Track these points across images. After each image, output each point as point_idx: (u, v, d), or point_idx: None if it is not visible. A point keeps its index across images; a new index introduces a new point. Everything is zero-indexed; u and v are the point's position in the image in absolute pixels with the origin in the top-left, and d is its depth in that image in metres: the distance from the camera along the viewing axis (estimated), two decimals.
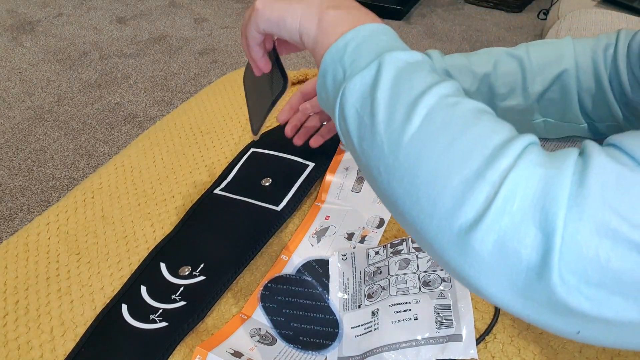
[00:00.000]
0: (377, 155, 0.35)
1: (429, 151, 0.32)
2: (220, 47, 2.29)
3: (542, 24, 2.03)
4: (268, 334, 0.52)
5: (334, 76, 0.40)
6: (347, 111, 0.38)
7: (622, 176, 0.28)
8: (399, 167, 0.34)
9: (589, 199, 0.28)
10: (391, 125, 0.35)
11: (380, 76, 0.37)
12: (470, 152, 0.31)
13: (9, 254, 0.61)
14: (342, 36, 0.40)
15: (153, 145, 0.76)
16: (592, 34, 1.26)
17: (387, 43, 0.39)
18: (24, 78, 2.07)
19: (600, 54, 0.59)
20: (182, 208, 0.65)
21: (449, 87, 0.36)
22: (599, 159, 0.29)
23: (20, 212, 1.50)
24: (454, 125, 0.33)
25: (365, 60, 0.38)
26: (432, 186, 0.32)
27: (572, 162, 0.29)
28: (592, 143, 0.31)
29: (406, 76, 0.36)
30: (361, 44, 0.39)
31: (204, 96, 0.87)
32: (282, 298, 0.54)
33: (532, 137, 0.32)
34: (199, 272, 0.57)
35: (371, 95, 0.36)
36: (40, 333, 0.52)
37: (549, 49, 0.61)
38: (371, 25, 0.41)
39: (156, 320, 0.53)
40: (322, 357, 0.50)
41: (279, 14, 0.44)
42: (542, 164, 0.30)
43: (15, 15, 2.52)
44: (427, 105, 0.34)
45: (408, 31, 2.43)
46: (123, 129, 1.82)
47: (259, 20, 0.45)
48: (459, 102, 0.34)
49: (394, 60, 0.37)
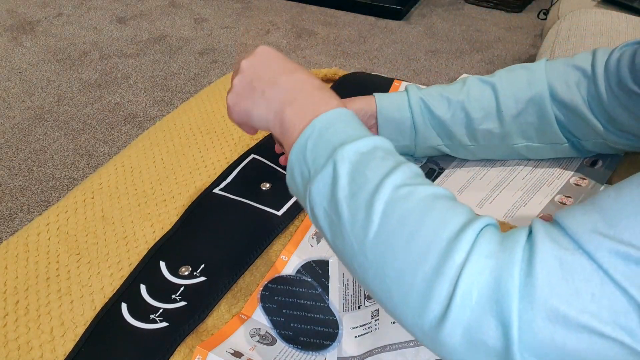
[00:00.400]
0: (350, 253, 0.37)
1: (392, 250, 0.34)
2: (220, 47, 2.30)
3: (542, 24, 2.03)
4: (268, 334, 0.52)
5: (301, 173, 0.42)
6: (316, 211, 0.40)
7: (564, 262, 0.30)
8: (370, 266, 0.36)
9: (538, 288, 0.30)
10: (356, 225, 0.37)
11: (337, 175, 0.38)
12: (427, 249, 0.33)
13: (9, 254, 0.61)
14: (301, 133, 0.42)
15: (153, 145, 0.76)
16: (592, 34, 1.26)
17: (341, 133, 0.41)
18: (24, 78, 2.07)
19: (573, 75, 0.59)
20: (182, 208, 0.65)
21: (402, 175, 0.37)
22: (543, 246, 0.31)
23: (20, 212, 1.50)
24: (409, 221, 0.35)
25: (323, 157, 0.40)
26: (401, 284, 0.34)
27: (520, 250, 0.32)
28: (539, 224, 0.33)
29: (360, 170, 0.38)
30: (318, 139, 0.41)
31: (204, 96, 0.87)
32: (281, 298, 0.54)
33: (485, 220, 0.35)
34: (200, 273, 0.57)
35: (334, 196, 0.38)
36: (40, 333, 0.53)
37: (521, 73, 0.62)
38: (325, 115, 0.42)
39: (156, 320, 0.53)
40: (322, 357, 0.50)
41: (245, 112, 0.47)
42: (492, 255, 0.32)
43: (15, 15, 2.52)
44: (383, 200, 0.36)
45: (408, 31, 2.43)
46: (123, 129, 1.82)
47: (231, 116, 0.49)
48: (411, 192, 0.36)
49: (347, 155, 0.39)
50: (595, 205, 0.32)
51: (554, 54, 1.25)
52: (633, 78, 0.54)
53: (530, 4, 2.66)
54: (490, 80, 0.62)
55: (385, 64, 2.19)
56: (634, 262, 0.29)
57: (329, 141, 0.40)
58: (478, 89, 0.62)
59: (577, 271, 0.30)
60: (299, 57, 2.23)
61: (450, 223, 0.34)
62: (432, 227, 0.34)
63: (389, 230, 0.35)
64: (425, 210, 0.35)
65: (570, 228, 0.31)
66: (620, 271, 0.29)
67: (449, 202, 0.36)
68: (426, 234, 0.34)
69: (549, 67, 0.61)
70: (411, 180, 0.37)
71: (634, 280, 0.28)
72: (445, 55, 2.26)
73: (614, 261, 0.29)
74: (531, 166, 0.67)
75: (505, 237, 0.33)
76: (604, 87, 0.57)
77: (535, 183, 0.64)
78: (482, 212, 0.62)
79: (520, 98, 0.61)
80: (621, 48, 0.57)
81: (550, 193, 0.63)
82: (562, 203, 0.61)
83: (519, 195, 0.63)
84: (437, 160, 0.70)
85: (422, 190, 0.36)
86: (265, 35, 2.40)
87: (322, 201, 0.39)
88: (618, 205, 0.31)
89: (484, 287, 0.31)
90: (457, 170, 0.68)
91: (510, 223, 0.60)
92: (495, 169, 0.67)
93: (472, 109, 0.62)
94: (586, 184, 0.63)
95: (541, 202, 0.62)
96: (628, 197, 0.31)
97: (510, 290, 0.30)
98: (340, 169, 0.38)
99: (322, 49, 2.29)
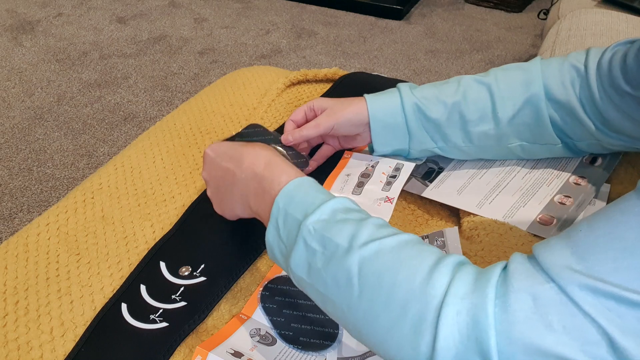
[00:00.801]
0: (341, 315, 0.41)
1: (377, 305, 0.38)
2: (220, 47, 2.30)
3: (542, 24, 2.03)
4: (268, 335, 0.52)
5: (280, 251, 0.46)
6: (302, 283, 0.44)
7: (537, 297, 0.32)
8: (362, 324, 0.39)
9: (513, 323, 0.32)
10: (340, 290, 0.40)
11: (309, 248, 0.42)
12: (406, 301, 0.36)
13: (8, 255, 0.61)
14: (270, 215, 0.46)
15: (153, 145, 0.76)
16: (592, 34, 1.26)
17: (302, 204, 0.44)
18: (24, 78, 2.07)
19: (567, 75, 0.59)
20: (182, 209, 0.65)
21: (366, 231, 0.41)
22: (517, 282, 0.33)
23: (20, 212, 1.50)
24: (384, 277, 0.38)
25: (293, 234, 0.44)
26: (392, 335, 0.37)
27: (492, 287, 0.34)
28: (517, 258, 0.36)
29: (327, 237, 0.41)
30: (285, 217, 0.45)
31: (204, 96, 0.87)
32: (282, 299, 0.54)
33: (453, 259, 0.37)
34: (200, 273, 0.57)
35: (312, 267, 0.42)
36: (40, 333, 0.52)
37: (517, 74, 0.61)
38: (283, 191, 0.46)
39: (156, 321, 0.53)
40: (322, 357, 0.50)
41: (230, 212, 0.55)
42: (467, 295, 0.34)
43: (15, 15, 2.52)
44: (356, 262, 0.39)
45: (408, 31, 2.43)
46: (123, 129, 1.82)
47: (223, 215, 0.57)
48: (379, 247, 0.39)
49: (312, 226, 0.42)
50: (569, 240, 0.34)
51: (554, 54, 1.25)
52: (625, 78, 0.54)
53: (530, 4, 2.66)
54: (485, 80, 0.62)
55: (385, 64, 2.19)
56: (602, 295, 0.30)
57: (294, 217, 0.44)
58: (474, 90, 0.62)
59: (549, 304, 0.32)
60: (299, 57, 2.23)
61: (420, 271, 0.37)
62: (404, 279, 0.37)
63: (370, 287, 0.38)
64: (395, 264, 0.38)
65: (545, 263, 0.33)
66: (590, 303, 0.31)
67: (414, 248, 0.39)
68: (401, 286, 0.37)
69: (544, 67, 0.61)
70: (376, 234, 0.40)
71: (603, 312, 0.30)
72: (445, 55, 2.26)
73: (584, 294, 0.31)
74: (530, 166, 0.67)
75: (479, 275, 0.36)
76: (596, 88, 0.57)
77: (535, 183, 0.64)
78: (482, 213, 0.62)
79: (516, 99, 0.60)
80: (613, 48, 0.57)
81: (550, 193, 0.63)
82: (562, 203, 0.61)
83: (518, 196, 0.63)
84: (437, 159, 0.70)
85: (388, 243, 0.39)
86: (265, 35, 2.40)
87: (302, 273, 0.43)
88: (589, 240, 0.33)
89: (463, 327, 0.33)
90: (456, 171, 0.68)
91: (510, 224, 0.60)
92: (494, 169, 0.67)
93: (468, 111, 0.62)
94: (585, 183, 0.63)
95: (540, 203, 0.62)
96: (600, 231, 0.33)
97: (487, 327, 0.33)
98: (310, 242, 0.42)
99: (322, 49, 2.29)
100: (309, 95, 0.86)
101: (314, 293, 0.43)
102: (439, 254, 0.39)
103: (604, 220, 0.33)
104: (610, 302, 0.30)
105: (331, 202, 0.44)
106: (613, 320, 0.30)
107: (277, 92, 0.84)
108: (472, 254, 0.56)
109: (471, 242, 0.59)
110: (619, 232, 0.31)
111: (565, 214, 0.60)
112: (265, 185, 0.48)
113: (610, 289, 0.30)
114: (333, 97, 0.67)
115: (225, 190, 0.53)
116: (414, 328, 0.35)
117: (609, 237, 0.32)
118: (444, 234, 0.56)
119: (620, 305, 0.30)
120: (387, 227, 0.42)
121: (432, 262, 0.37)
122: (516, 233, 0.58)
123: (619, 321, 0.30)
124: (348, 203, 0.45)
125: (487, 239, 0.58)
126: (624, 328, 0.30)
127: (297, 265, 0.43)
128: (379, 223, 0.42)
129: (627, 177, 0.64)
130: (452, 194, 0.65)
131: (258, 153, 0.50)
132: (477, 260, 0.56)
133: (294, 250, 0.43)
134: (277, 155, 0.51)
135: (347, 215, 0.43)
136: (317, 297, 0.43)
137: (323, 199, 0.44)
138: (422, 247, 0.40)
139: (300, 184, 0.46)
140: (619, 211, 0.33)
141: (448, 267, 0.37)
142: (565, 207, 0.61)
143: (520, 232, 0.58)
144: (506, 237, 0.58)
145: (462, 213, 0.64)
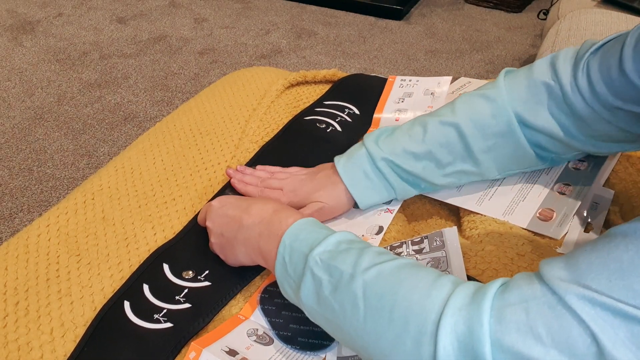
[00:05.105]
0: (350, 339, 0.43)
1: (380, 327, 0.40)
2: (220, 47, 2.30)
3: (542, 24, 2.03)
4: (265, 335, 0.52)
5: (289, 286, 0.48)
6: (313, 313, 0.47)
7: (530, 310, 0.34)
8: (369, 345, 0.41)
9: (506, 333, 0.34)
10: (347, 314, 0.42)
11: (316, 278, 0.45)
12: (407, 317, 0.38)
13: (9, 256, 0.61)
14: (277, 252, 0.49)
15: (153, 146, 0.76)
16: (592, 34, 1.26)
17: (307, 240, 0.48)
18: (24, 78, 2.07)
19: (538, 95, 0.55)
20: (184, 211, 0.65)
21: (367, 258, 0.44)
22: (514, 297, 0.35)
23: (20, 212, 1.50)
24: (386, 297, 0.40)
25: (300, 267, 0.47)
26: (396, 353, 0.39)
27: (489, 300, 0.36)
28: (520, 274, 0.38)
29: (333, 265, 0.44)
30: (291, 252, 0.48)
31: (204, 97, 0.87)
32: (281, 301, 0.54)
33: (449, 278, 0.40)
34: (204, 278, 0.57)
35: (321, 296, 0.45)
36: (41, 334, 0.53)
37: (482, 105, 0.58)
38: (289, 230, 0.49)
39: (160, 320, 0.52)
40: (322, 357, 0.50)
41: (234, 260, 0.56)
42: (464, 306, 0.36)
43: (15, 15, 2.52)
44: (360, 286, 0.42)
45: (408, 31, 2.43)
46: (123, 129, 1.82)
47: (226, 262, 0.58)
48: (380, 271, 0.42)
49: (319, 257, 0.45)
50: (572, 258, 0.36)
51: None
52: (612, 92, 0.50)
53: (530, 4, 2.66)
54: (451, 120, 0.58)
55: (385, 64, 2.19)
56: (599, 306, 0.32)
57: (300, 251, 0.47)
58: (441, 134, 0.58)
59: (541, 317, 0.33)
60: (299, 57, 2.23)
61: (418, 287, 0.39)
62: (404, 297, 0.39)
63: (373, 308, 0.41)
64: (395, 284, 0.41)
65: (546, 275, 0.35)
66: (587, 312, 0.32)
67: (413, 269, 0.42)
68: (401, 303, 0.39)
69: (509, 90, 0.57)
70: (377, 260, 0.43)
71: (597, 321, 0.32)
72: (445, 55, 2.26)
73: (582, 304, 0.32)
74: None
75: (477, 289, 0.38)
76: (580, 105, 0.53)
77: (534, 172, 0.64)
78: (482, 210, 0.62)
79: (487, 134, 0.57)
80: (584, 59, 0.53)
81: (550, 181, 0.63)
82: (562, 193, 0.61)
83: (517, 189, 0.63)
84: None
85: (388, 267, 0.42)
86: (265, 35, 2.40)
87: (312, 304, 0.46)
88: (590, 259, 0.34)
89: (460, 337, 0.35)
90: None
91: (510, 223, 0.60)
92: None
93: (441, 156, 0.59)
94: (585, 167, 0.63)
95: (540, 194, 0.62)
96: (600, 252, 0.34)
97: (481, 337, 0.34)
98: (317, 272, 0.45)
99: (322, 49, 2.29)
100: (308, 97, 0.86)
101: (324, 322, 0.46)
102: (437, 272, 0.41)
103: (606, 242, 0.34)
104: (606, 313, 0.31)
105: (335, 235, 0.47)
106: (607, 331, 0.31)
107: (276, 94, 0.84)
108: (472, 254, 0.56)
109: (471, 242, 0.59)
110: (617, 254, 0.33)
111: (565, 205, 0.60)
112: (272, 228, 0.51)
113: (607, 301, 0.31)
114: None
115: (229, 236, 0.55)
116: (416, 341, 0.37)
117: (607, 258, 0.33)
118: (442, 234, 0.56)
119: (616, 317, 0.31)
120: (387, 254, 0.45)
121: (432, 279, 0.40)
122: (516, 232, 0.58)
123: (612, 332, 0.31)
124: (350, 236, 0.48)
125: (487, 238, 0.58)
126: (616, 340, 0.31)
127: (307, 296, 0.46)
128: (379, 250, 0.45)
129: (627, 177, 0.64)
130: (451, 191, 0.65)
131: (266, 202, 0.55)
132: (477, 260, 0.56)
133: (303, 282, 0.46)
134: (284, 204, 0.56)
135: (350, 245, 0.46)
136: (328, 326, 0.46)
137: (327, 233, 0.48)
138: (420, 268, 0.42)
139: (304, 223, 0.50)
140: (621, 234, 0.34)
141: (448, 283, 0.39)
142: (565, 197, 0.61)
143: (520, 231, 0.58)
144: (506, 237, 0.58)
145: (462, 212, 0.64)
